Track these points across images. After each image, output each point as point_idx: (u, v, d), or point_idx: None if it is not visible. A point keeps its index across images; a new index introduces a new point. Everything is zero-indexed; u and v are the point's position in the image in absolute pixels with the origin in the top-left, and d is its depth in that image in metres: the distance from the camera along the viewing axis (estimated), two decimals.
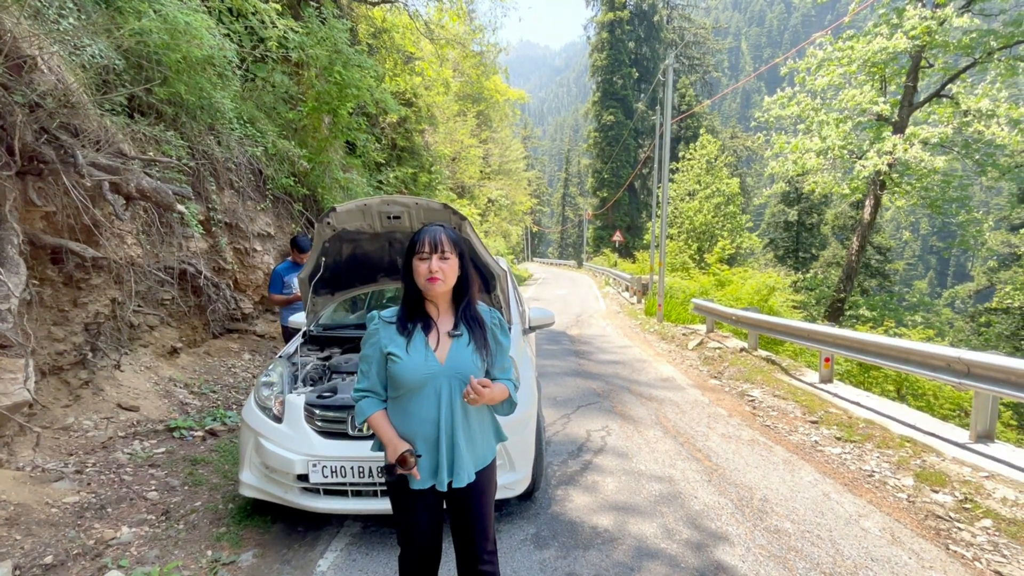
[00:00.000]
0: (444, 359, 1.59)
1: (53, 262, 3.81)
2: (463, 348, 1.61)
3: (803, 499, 3.36)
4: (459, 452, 1.59)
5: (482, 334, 1.66)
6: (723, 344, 8.85)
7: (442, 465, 1.58)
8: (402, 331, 1.60)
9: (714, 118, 45.30)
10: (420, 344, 1.58)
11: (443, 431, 1.58)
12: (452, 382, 1.58)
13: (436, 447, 1.58)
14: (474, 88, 19.21)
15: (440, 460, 1.58)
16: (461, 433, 1.60)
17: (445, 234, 1.59)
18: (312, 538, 2.78)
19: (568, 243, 68.38)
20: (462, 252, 1.63)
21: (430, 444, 1.58)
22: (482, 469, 1.68)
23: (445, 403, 1.58)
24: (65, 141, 2.79)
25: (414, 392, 1.57)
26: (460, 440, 1.59)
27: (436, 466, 1.59)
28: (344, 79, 6.74)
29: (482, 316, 1.70)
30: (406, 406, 1.59)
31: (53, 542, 2.45)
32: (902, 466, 4.08)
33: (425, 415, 1.57)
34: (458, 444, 1.59)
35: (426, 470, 1.59)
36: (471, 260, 1.72)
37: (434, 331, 1.62)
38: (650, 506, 3.17)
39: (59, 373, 3.95)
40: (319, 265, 3.28)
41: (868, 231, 19.31)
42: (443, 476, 1.59)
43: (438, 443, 1.58)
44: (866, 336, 5.52)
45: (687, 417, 5.12)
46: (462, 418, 1.60)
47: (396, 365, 1.56)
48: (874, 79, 17.44)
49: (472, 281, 1.68)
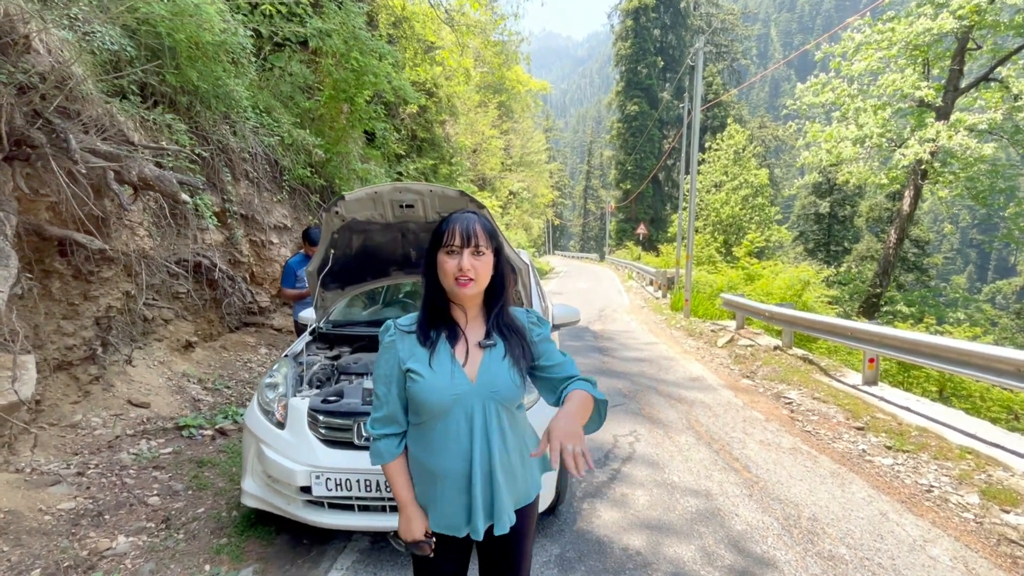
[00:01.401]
0: (475, 375, 1.28)
1: (60, 254, 3.69)
2: (497, 361, 1.30)
3: (858, 519, 3.02)
4: (498, 491, 1.28)
5: (519, 342, 1.34)
6: (755, 341, 8.43)
7: (477, 509, 1.26)
8: (423, 342, 1.29)
9: (741, 107, 43.97)
10: (445, 357, 1.27)
11: (478, 466, 1.26)
12: (487, 404, 1.27)
13: (468, 486, 1.27)
14: (495, 78, 18.89)
15: (475, 503, 1.26)
16: (499, 468, 1.28)
17: (480, 224, 1.28)
18: (317, 553, 2.58)
19: (590, 236, 67.65)
20: (498, 247, 1.31)
21: (461, 482, 1.28)
22: (524, 507, 1.37)
23: (479, 430, 1.26)
24: (58, 125, 2.62)
25: (439, 418, 1.26)
26: (499, 476, 1.28)
27: (469, 509, 1.28)
28: (361, 66, 6.53)
29: (518, 322, 1.37)
30: (430, 436, 1.28)
31: (44, 553, 2.30)
32: (965, 481, 3.69)
33: (454, 447, 1.26)
34: (497, 481, 1.27)
35: (458, 514, 1.29)
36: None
37: (462, 341, 1.31)
38: (686, 525, 2.88)
39: (68, 368, 3.85)
40: (327, 257, 3.07)
41: (907, 223, 18.39)
42: (478, 522, 1.26)
43: (471, 481, 1.27)
44: (918, 336, 5.08)
45: (720, 421, 4.79)
46: (500, 448, 1.28)
47: (417, 384, 1.25)
48: (916, 63, 16.51)
49: (509, 282, 1.36)
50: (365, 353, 3.09)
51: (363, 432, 2.39)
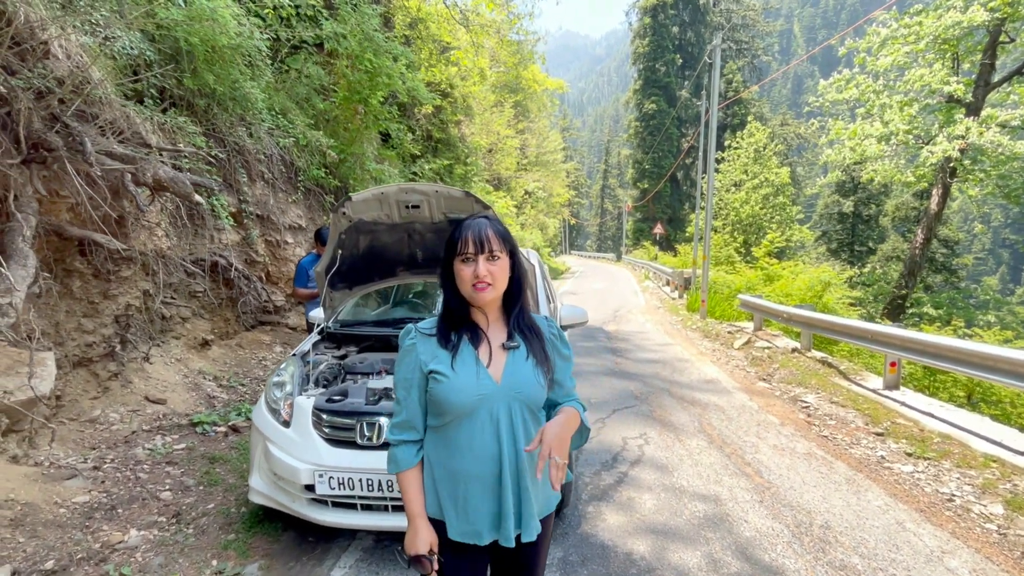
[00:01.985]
0: (500, 376, 1.27)
1: (81, 254, 3.80)
2: (521, 362, 1.29)
3: (873, 528, 2.93)
4: (527, 497, 1.26)
5: (540, 345, 1.34)
6: (772, 343, 8.26)
7: (507, 514, 1.24)
8: (445, 344, 1.29)
9: (762, 104, 43.15)
10: (469, 359, 1.27)
11: (507, 470, 1.24)
12: (512, 405, 1.26)
13: (498, 490, 1.25)
14: (510, 77, 18.86)
15: (505, 508, 1.24)
16: (528, 472, 1.26)
17: (492, 229, 1.28)
18: (322, 551, 2.60)
19: (607, 236, 67.20)
20: (513, 249, 1.31)
21: (489, 486, 1.25)
22: (546, 516, 1.35)
23: (507, 433, 1.25)
24: (75, 129, 2.70)
25: (463, 419, 1.25)
26: (527, 481, 1.26)
27: (498, 515, 1.25)
28: (375, 67, 6.58)
29: (538, 325, 1.38)
30: (454, 438, 1.26)
31: (58, 545, 2.37)
32: (988, 490, 3.55)
33: (480, 450, 1.24)
34: (525, 486, 1.25)
35: (482, 520, 1.26)
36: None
37: (484, 343, 1.31)
38: (693, 530, 2.83)
39: (88, 365, 3.95)
40: (335, 258, 3.10)
41: (935, 223, 17.84)
42: (509, 529, 1.24)
43: (501, 485, 1.25)
44: (941, 340, 4.91)
45: (734, 425, 4.70)
46: (524, 453, 1.26)
47: (441, 385, 1.24)
48: (945, 57, 16.00)
49: (525, 284, 1.36)
50: (371, 353, 3.11)
51: (365, 432, 2.40)
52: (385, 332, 3.21)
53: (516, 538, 1.26)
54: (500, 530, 1.25)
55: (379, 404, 2.48)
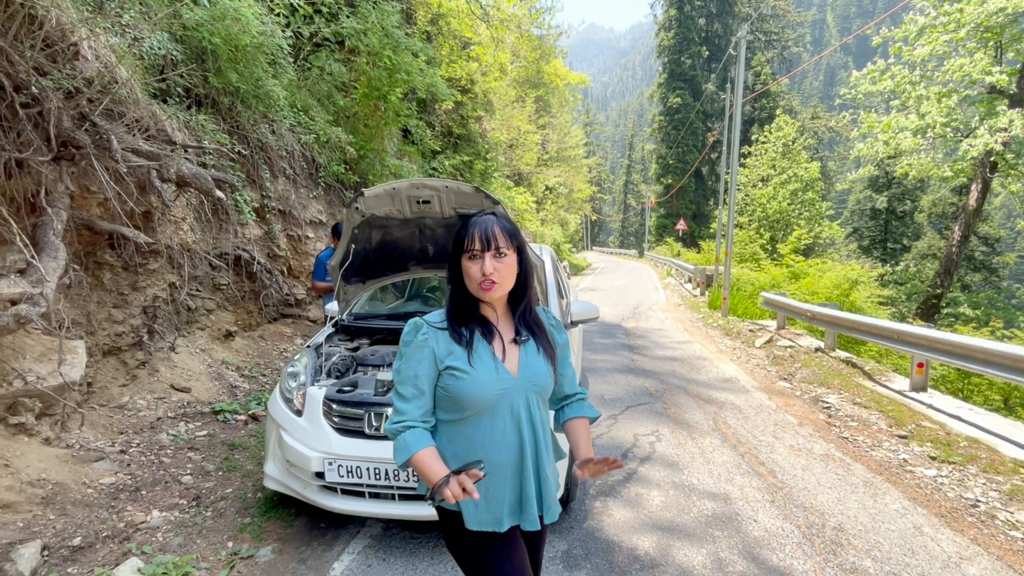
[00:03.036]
0: (516, 370, 1.31)
1: (110, 247, 3.96)
2: (534, 355, 1.34)
3: (888, 531, 2.86)
4: (547, 481, 1.33)
5: (546, 338, 1.40)
6: (795, 342, 8.08)
7: (530, 498, 1.29)
8: (458, 340, 1.30)
9: (792, 97, 41.95)
10: (485, 354, 1.29)
11: (529, 457, 1.30)
12: (530, 396, 1.31)
13: (519, 478, 1.30)
14: (530, 72, 18.77)
15: (527, 493, 1.30)
16: (546, 457, 1.34)
17: (499, 225, 1.29)
18: (332, 537, 2.68)
19: (629, 232, 66.50)
20: (520, 246, 1.33)
21: (512, 473, 1.30)
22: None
23: (526, 422, 1.30)
24: (102, 127, 2.82)
25: (483, 414, 1.28)
26: (546, 466, 1.33)
27: (519, 501, 1.31)
28: (394, 64, 6.65)
29: (541, 318, 1.43)
30: (473, 431, 1.29)
31: (85, 523, 2.50)
32: (1016, 497, 3.42)
33: (502, 441, 1.29)
34: (545, 471, 1.33)
35: (501, 507, 1.29)
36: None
37: (497, 338, 1.33)
38: (700, 528, 2.81)
39: (117, 354, 4.13)
40: (349, 252, 3.16)
41: (973, 219, 17.12)
42: (533, 513, 1.30)
43: (522, 470, 1.30)
44: (971, 341, 4.74)
45: (750, 424, 4.63)
46: (543, 438, 1.33)
47: (461, 382, 1.26)
48: (987, 46, 15.28)
49: (532, 281, 1.39)
50: (383, 346, 3.17)
51: (373, 422, 2.45)
52: (397, 325, 3.26)
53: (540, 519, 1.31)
54: (524, 515, 1.29)
55: (387, 395, 2.54)
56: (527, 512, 1.29)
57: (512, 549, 1.31)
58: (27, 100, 2.48)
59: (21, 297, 2.31)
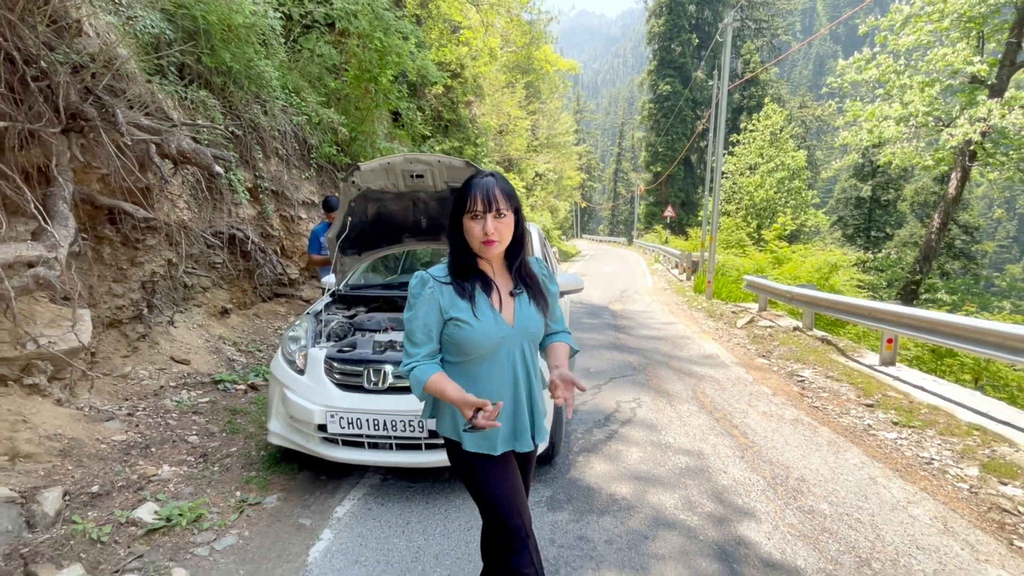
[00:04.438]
0: (512, 320, 1.49)
1: (110, 222, 4.07)
2: (527, 306, 1.52)
3: (846, 481, 3.13)
4: (538, 411, 1.56)
5: (538, 289, 1.57)
6: (775, 323, 8.38)
7: (524, 426, 1.52)
8: (462, 294, 1.45)
9: (780, 86, 42.20)
10: (485, 307, 1.46)
11: (522, 390, 1.51)
12: (524, 342, 1.51)
13: (516, 408, 1.51)
14: (520, 57, 18.76)
15: (522, 420, 1.52)
16: (536, 391, 1.56)
17: (499, 187, 1.42)
18: (333, 487, 2.88)
19: (619, 220, 66.77)
20: (517, 207, 1.48)
21: (506, 408, 1.49)
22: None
23: (520, 365, 1.50)
24: (107, 101, 2.93)
25: (486, 357, 1.47)
26: (537, 396, 1.55)
27: (514, 430, 1.52)
28: (384, 46, 6.73)
29: (533, 270, 1.60)
30: (476, 372, 1.48)
31: (101, 474, 2.67)
32: (967, 455, 3.71)
33: (500, 380, 1.48)
34: (535, 401, 1.55)
35: (500, 436, 1.49)
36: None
37: (495, 291, 1.50)
38: (674, 478, 3.05)
39: (118, 326, 4.26)
40: (345, 224, 3.32)
41: (952, 207, 17.55)
42: (527, 438, 1.53)
43: (517, 403, 1.51)
44: (936, 315, 5.03)
45: (727, 394, 4.89)
46: (535, 375, 1.56)
47: (465, 331, 1.42)
48: (970, 36, 15.57)
49: (527, 239, 1.56)
50: (379, 313, 3.34)
51: (372, 377, 2.64)
52: (391, 294, 3.44)
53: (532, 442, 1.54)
54: (519, 440, 1.51)
55: (385, 354, 2.72)
56: (521, 438, 1.51)
57: (505, 468, 1.52)
58: (37, 73, 2.59)
59: (38, 260, 2.44)
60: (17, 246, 2.37)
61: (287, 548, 2.35)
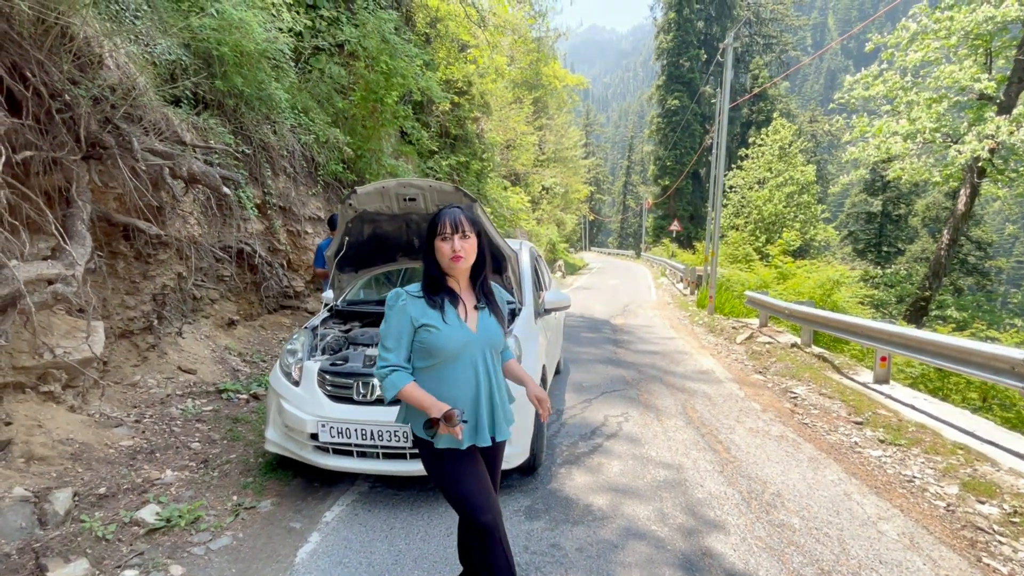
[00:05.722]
0: (476, 328, 1.73)
1: (125, 238, 4.31)
2: (488, 318, 1.77)
3: (820, 497, 3.21)
4: (497, 409, 1.76)
5: (495, 303, 1.83)
6: (775, 339, 8.43)
7: (483, 424, 1.72)
8: (432, 305, 1.70)
9: (790, 100, 42.33)
10: (452, 316, 1.70)
11: (483, 392, 1.72)
12: (485, 349, 1.73)
13: (476, 407, 1.71)
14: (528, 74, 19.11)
15: (481, 418, 1.72)
16: (496, 393, 1.76)
17: (464, 215, 1.70)
18: (324, 493, 3.03)
19: (628, 232, 66.84)
20: (479, 231, 1.75)
21: (470, 405, 1.71)
22: (502, 440, 1.85)
23: (482, 368, 1.72)
24: (124, 130, 3.17)
25: (451, 360, 1.69)
26: (497, 399, 1.76)
27: (476, 425, 1.72)
28: (390, 68, 7.00)
29: (492, 289, 1.87)
30: (442, 374, 1.69)
31: (108, 476, 2.85)
32: (949, 473, 3.78)
33: (463, 379, 1.70)
34: (495, 402, 1.76)
35: (468, 429, 1.70)
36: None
37: (461, 304, 1.75)
38: (650, 491, 3.16)
39: (130, 336, 4.48)
40: (343, 244, 3.51)
41: (962, 223, 17.45)
42: (485, 434, 1.73)
43: (478, 403, 1.71)
44: (924, 335, 5.09)
45: (716, 410, 4.98)
46: (495, 379, 1.77)
47: (434, 335, 1.66)
48: (977, 53, 15.61)
49: (487, 258, 1.82)
50: (372, 328, 3.52)
51: (361, 390, 2.81)
52: (384, 310, 3.61)
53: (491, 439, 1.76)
54: (479, 435, 1.73)
55: (373, 367, 2.89)
56: (481, 434, 1.73)
57: (471, 464, 1.74)
58: (61, 106, 2.83)
59: (57, 278, 2.66)
60: (38, 265, 2.59)
61: (277, 549, 2.51)
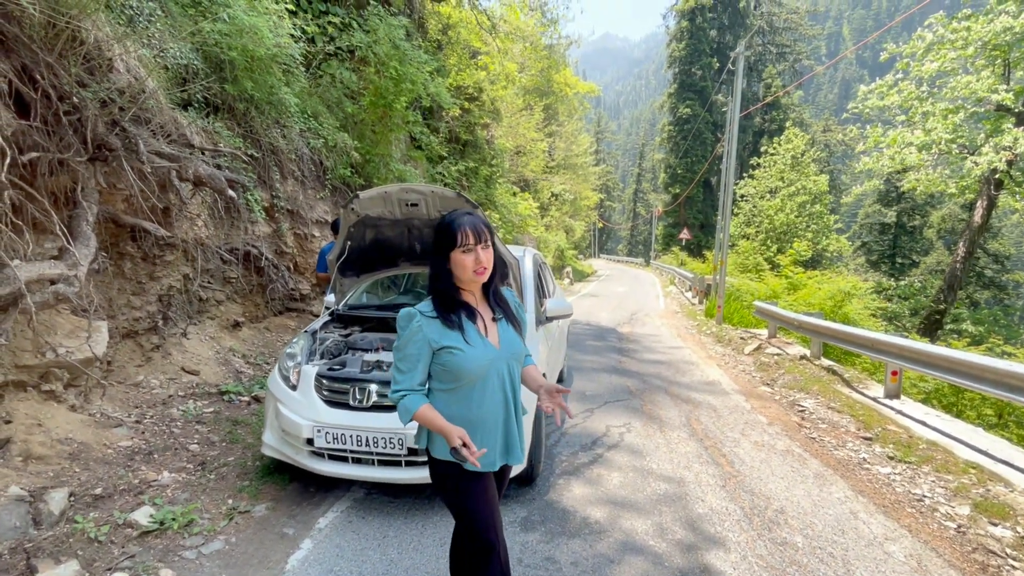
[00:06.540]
0: (498, 343, 1.61)
1: (132, 239, 4.35)
2: (508, 330, 1.65)
3: (825, 515, 3.13)
4: (521, 429, 1.67)
5: (510, 311, 1.70)
6: (783, 350, 8.30)
7: (515, 442, 1.63)
8: (450, 325, 1.55)
9: (803, 110, 42.03)
10: (474, 334, 1.57)
11: (512, 411, 1.63)
12: (510, 363, 1.62)
13: (506, 427, 1.62)
14: (539, 81, 19.17)
15: (512, 438, 1.63)
16: (520, 410, 1.67)
17: (482, 221, 1.57)
18: (319, 499, 3.01)
19: (638, 240, 66.60)
20: (493, 238, 1.63)
21: (499, 425, 1.61)
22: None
23: (508, 385, 1.62)
24: (131, 132, 3.20)
25: (478, 380, 1.56)
26: (521, 418, 1.67)
27: (506, 445, 1.63)
28: (399, 75, 7.04)
29: (504, 295, 1.75)
30: (469, 395, 1.57)
31: (105, 477, 2.85)
32: (960, 493, 3.67)
33: (490, 400, 1.58)
34: (520, 422, 1.67)
35: (494, 451, 1.60)
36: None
37: (479, 319, 1.61)
38: (650, 504, 3.10)
39: (135, 337, 4.51)
40: (345, 248, 3.51)
41: (979, 236, 17.18)
42: (518, 452, 1.65)
43: (508, 423, 1.62)
44: (934, 349, 4.98)
45: (721, 422, 4.89)
46: (519, 396, 1.68)
47: (458, 357, 1.52)
48: (995, 64, 15.37)
49: (499, 265, 1.76)
50: (372, 332, 3.50)
51: (357, 396, 2.79)
52: (385, 315, 3.60)
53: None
54: (511, 454, 1.64)
55: (371, 373, 2.87)
56: (513, 451, 1.65)
57: (487, 485, 1.64)
58: (69, 108, 2.87)
59: (59, 278, 2.68)
60: (40, 265, 2.61)
61: (269, 555, 2.48)
